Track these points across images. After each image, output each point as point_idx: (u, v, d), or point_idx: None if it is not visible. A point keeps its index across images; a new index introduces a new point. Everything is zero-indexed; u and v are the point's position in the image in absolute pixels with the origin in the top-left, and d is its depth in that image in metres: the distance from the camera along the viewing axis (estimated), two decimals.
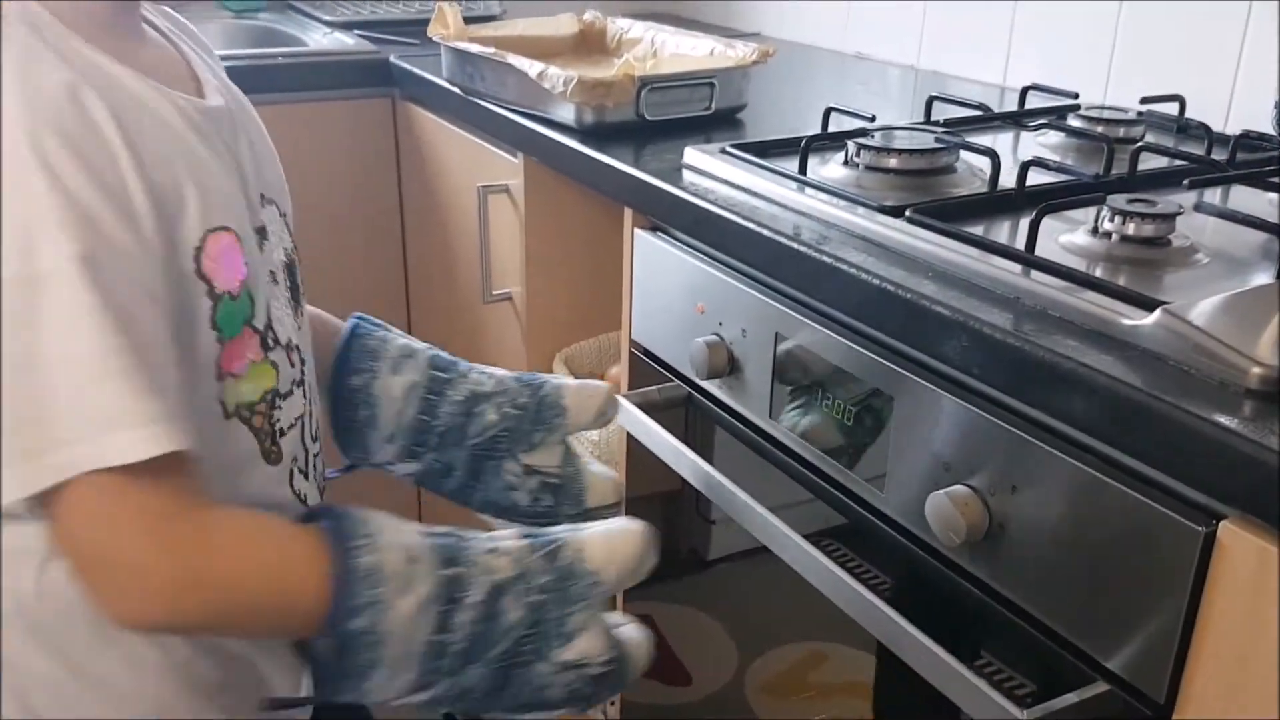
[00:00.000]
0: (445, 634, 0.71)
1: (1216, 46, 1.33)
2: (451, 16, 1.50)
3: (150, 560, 0.64)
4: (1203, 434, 0.64)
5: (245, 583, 0.68)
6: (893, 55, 1.80)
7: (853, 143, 1.07)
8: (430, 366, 0.95)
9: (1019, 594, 0.80)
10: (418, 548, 0.72)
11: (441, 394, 0.94)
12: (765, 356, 1.01)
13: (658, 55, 1.54)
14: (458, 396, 0.94)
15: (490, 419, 0.93)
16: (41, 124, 0.63)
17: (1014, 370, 0.76)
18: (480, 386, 0.95)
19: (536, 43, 1.59)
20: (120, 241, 0.64)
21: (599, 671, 0.75)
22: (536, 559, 0.76)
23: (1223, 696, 0.67)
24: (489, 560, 0.74)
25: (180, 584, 0.65)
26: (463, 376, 0.95)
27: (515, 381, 0.96)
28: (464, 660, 0.72)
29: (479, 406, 0.94)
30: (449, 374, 0.95)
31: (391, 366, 0.94)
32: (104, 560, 0.64)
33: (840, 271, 0.89)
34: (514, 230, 1.48)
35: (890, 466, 0.89)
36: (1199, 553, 0.66)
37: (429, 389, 0.94)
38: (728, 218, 1.01)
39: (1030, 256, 0.84)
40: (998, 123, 1.31)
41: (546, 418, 0.94)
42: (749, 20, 2.10)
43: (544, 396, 0.94)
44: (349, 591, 0.68)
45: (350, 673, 0.69)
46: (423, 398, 0.94)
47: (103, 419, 0.62)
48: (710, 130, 1.32)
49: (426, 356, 0.96)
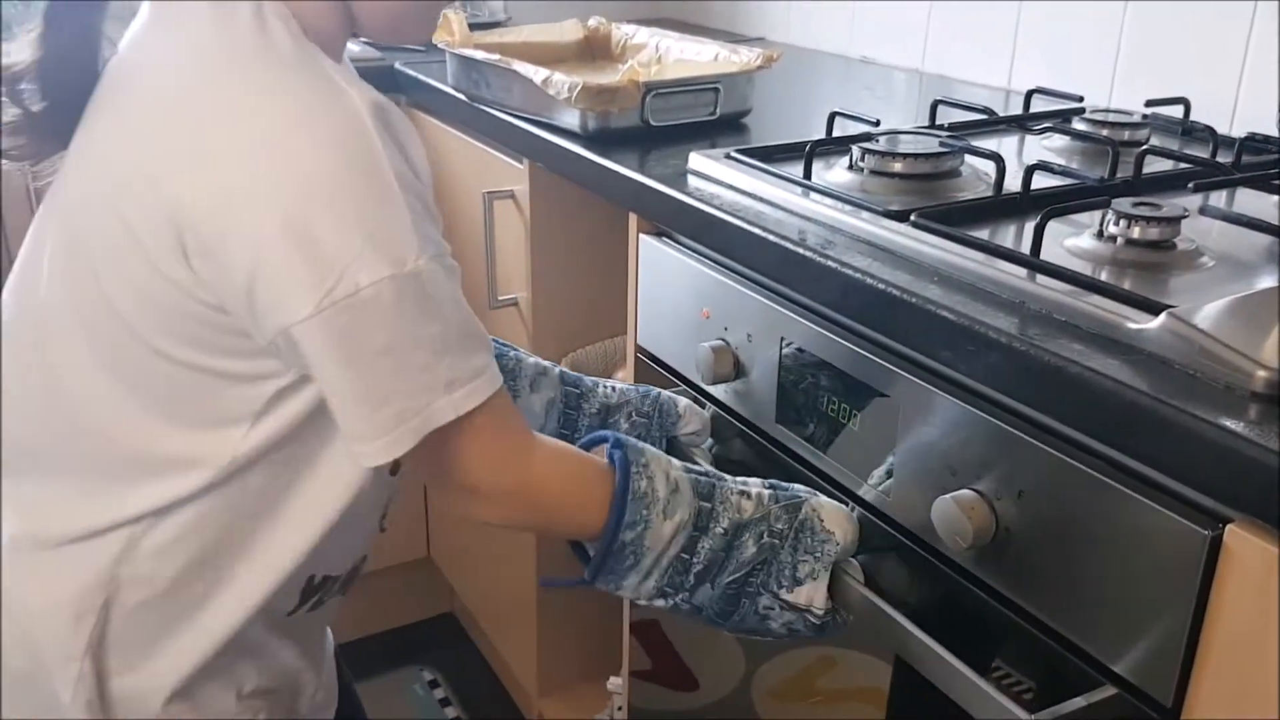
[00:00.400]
0: (690, 555, 0.85)
1: (1221, 49, 1.33)
2: (457, 23, 1.50)
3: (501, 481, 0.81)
4: (1208, 438, 0.64)
5: (561, 501, 0.85)
6: (897, 59, 1.80)
7: (857, 147, 1.07)
8: (562, 382, 1.04)
9: (1026, 598, 0.80)
10: (681, 479, 0.86)
11: (578, 408, 1.03)
12: (771, 361, 1.02)
13: (662, 61, 1.54)
14: (592, 409, 1.04)
15: (623, 428, 1.04)
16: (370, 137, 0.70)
17: (1020, 374, 0.76)
18: (610, 399, 1.04)
19: (541, 49, 1.59)
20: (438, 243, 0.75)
21: (817, 621, 0.86)
22: (778, 508, 0.88)
23: (1230, 699, 0.67)
24: (737, 500, 0.87)
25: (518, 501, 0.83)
26: (591, 390, 1.04)
27: (635, 393, 1.05)
28: (700, 579, 0.86)
29: (612, 418, 1.04)
30: (579, 388, 1.04)
31: (530, 384, 1.02)
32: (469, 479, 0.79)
33: (845, 276, 0.89)
34: (519, 236, 1.48)
35: (896, 471, 0.89)
36: (1205, 556, 0.66)
37: (565, 404, 1.03)
38: (733, 223, 1.01)
39: (1035, 260, 0.84)
40: (1002, 126, 1.31)
41: (666, 424, 1.05)
42: (754, 25, 2.10)
43: (661, 405, 1.05)
44: (625, 509, 0.83)
45: (613, 570, 0.84)
46: (562, 413, 1.03)
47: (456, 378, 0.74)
48: (715, 135, 1.33)
49: (558, 373, 1.04)
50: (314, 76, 0.72)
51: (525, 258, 1.48)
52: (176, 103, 0.72)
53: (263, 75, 0.72)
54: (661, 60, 1.54)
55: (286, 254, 0.68)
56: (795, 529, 0.87)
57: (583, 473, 0.85)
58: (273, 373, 0.75)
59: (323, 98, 0.71)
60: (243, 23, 0.72)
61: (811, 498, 0.90)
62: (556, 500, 0.84)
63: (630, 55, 1.60)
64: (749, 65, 1.38)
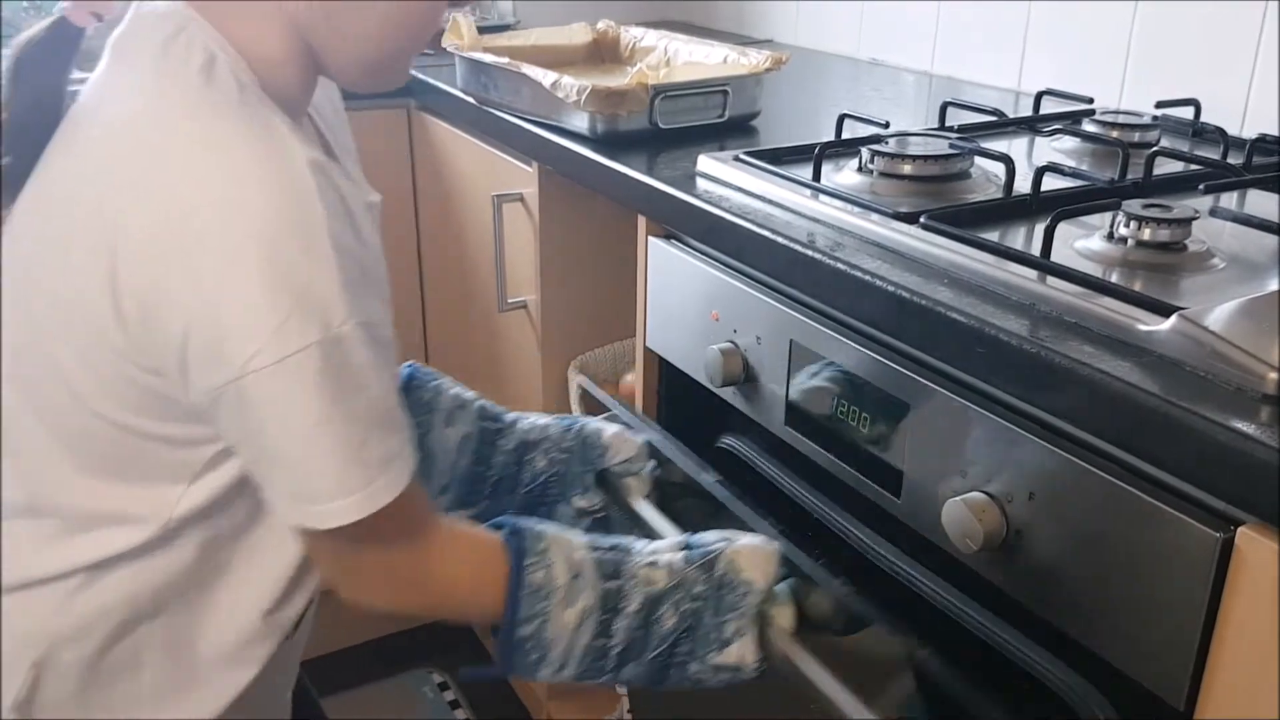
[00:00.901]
0: (605, 639, 0.82)
1: (1232, 50, 1.32)
2: (465, 27, 1.51)
3: (395, 571, 0.79)
4: (1220, 440, 0.64)
5: (453, 590, 0.82)
6: (907, 61, 1.80)
7: (867, 149, 1.07)
8: (480, 417, 0.99)
9: (1036, 601, 0.80)
10: (583, 563, 0.82)
11: (494, 444, 0.99)
12: (780, 363, 1.01)
13: (671, 64, 1.54)
14: (509, 446, 0.99)
15: (540, 465, 0.99)
16: (310, 195, 0.68)
17: (1030, 377, 0.76)
18: (528, 435, 0.99)
19: (550, 52, 1.60)
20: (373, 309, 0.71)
21: (753, 674, 0.83)
22: (693, 570, 0.84)
23: (1242, 702, 0.66)
24: (648, 573, 0.83)
25: (410, 590, 0.80)
26: (510, 426, 1.00)
27: (559, 427, 1.00)
28: (622, 660, 0.82)
29: (529, 454, 0.99)
30: (499, 424, 1.00)
31: (445, 418, 0.98)
32: (363, 566, 0.77)
33: (855, 278, 0.89)
34: (529, 238, 1.48)
35: (906, 474, 0.89)
36: (1217, 559, 0.66)
37: (481, 439, 0.98)
38: (742, 225, 1.01)
39: (1046, 262, 0.84)
40: (1012, 128, 1.31)
41: (591, 457, 0.99)
42: (762, 27, 2.10)
43: (586, 438, 1.00)
44: (519, 604, 0.79)
45: (520, 667, 0.81)
46: (475, 449, 0.98)
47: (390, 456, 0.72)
48: (724, 138, 1.32)
49: (476, 407, 1.00)
50: (257, 130, 0.70)
51: (534, 261, 1.48)
52: (123, 150, 0.70)
53: (206, 126, 0.69)
54: (670, 63, 1.54)
55: (219, 310, 0.66)
56: (715, 587, 0.84)
57: (478, 559, 0.82)
58: (206, 438, 0.74)
59: (262, 153, 0.68)
60: (192, 71, 0.70)
61: (727, 546, 0.86)
62: (449, 589, 0.82)
63: (639, 58, 1.60)
64: (758, 68, 1.38)
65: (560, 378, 1.52)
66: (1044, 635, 0.83)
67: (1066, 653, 0.82)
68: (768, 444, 1.11)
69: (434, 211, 1.80)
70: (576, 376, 1.48)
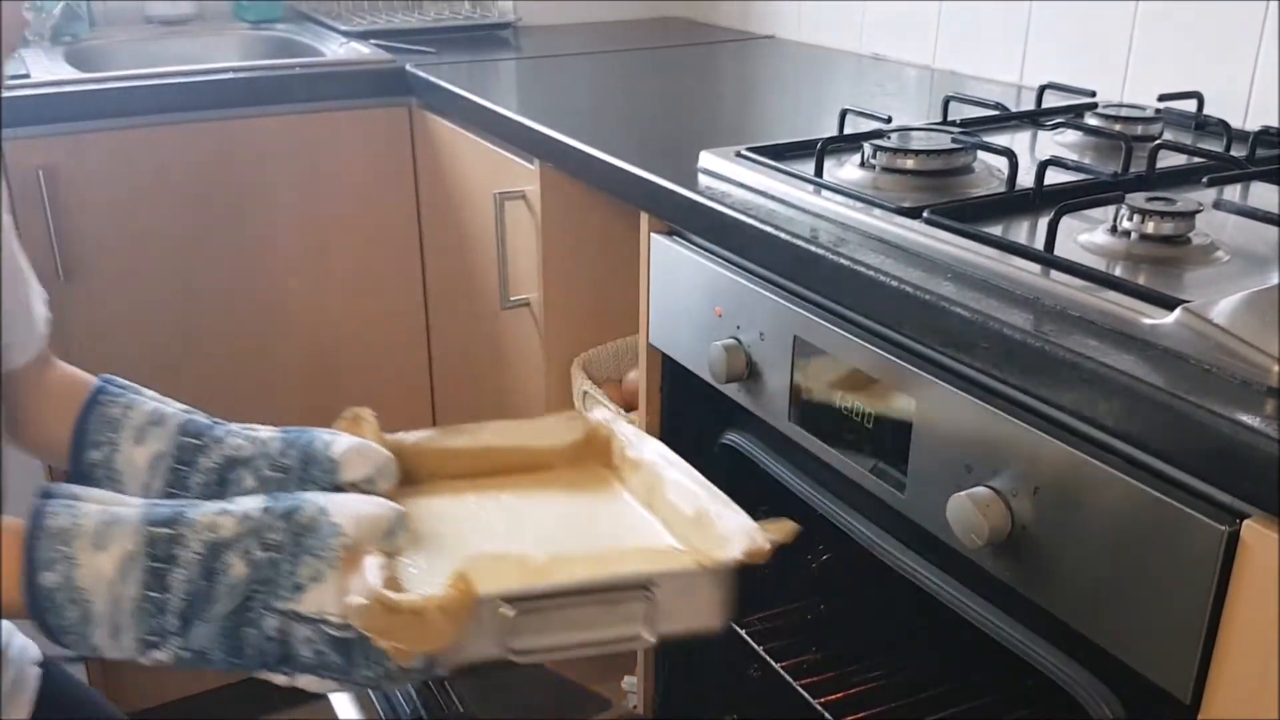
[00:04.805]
0: (160, 592, 0.72)
1: (1234, 43, 1.32)
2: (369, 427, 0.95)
3: None
4: (1225, 433, 0.64)
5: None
6: (909, 56, 1.80)
7: (869, 144, 1.07)
8: (181, 433, 0.89)
9: (1041, 596, 0.79)
10: (125, 513, 0.73)
11: (192, 463, 0.88)
12: (784, 360, 1.01)
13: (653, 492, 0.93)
14: (210, 464, 0.88)
15: (249, 485, 0.87)
16: None
17: (1035, 371, 0.76)
18: (238, 451, 0.88)
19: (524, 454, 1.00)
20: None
21: (338, 635, 0.71)
22: (270, 517, 0.74)
23: (1249, 696, 0.66)
24: (212, 519, 0.74)
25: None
26: (218, 442, 0.89)
27: (281, 441, 0.88)
28: (185, 618, 0.72)
29: (234, 473, 0.87)
30: (202, 440, 0.89)
31: (135, 436, 0.89)
32: None
33: (858, 274, 0.89)
34: (531, 236, 1.48)
35: (910, 469, 0.89)
36: (1222, 552, 0.66)
37: (178, 459, 0.88)
38: (744, 221, 1.01)
39: (1049, 256, 0.84)
40: (1015, 122, 1.31)
41: (315, 474, 0.86)
42: (764, 22, 2.10)
43: (310, 454, 0.87)
44: (38, 547, 0.71)
45: (67, 628, 0.72)
46: (171, 468, 0.88)
47: None
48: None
49: (178, 422, 0.90)
50: None
51: (537, 258, 1.48)
52: None
53: None
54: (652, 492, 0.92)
55: None
56: (295, 533, 0.73)
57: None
58: None
59: None
60: None
61: (318, 495, 0.77)
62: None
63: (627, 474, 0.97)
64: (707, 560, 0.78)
65: (563, 375, 1.52)
66: (1049, 630, 0.83)
67: (1072, 648, 0.82)
68: (772, 440, 1.11)
69: (436, 209, 1.80)
70: (580, 374, 1.48)
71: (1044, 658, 0.84)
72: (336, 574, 0.72)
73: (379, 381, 1.89)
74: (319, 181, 1.77)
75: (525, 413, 1.60)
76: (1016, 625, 0.87)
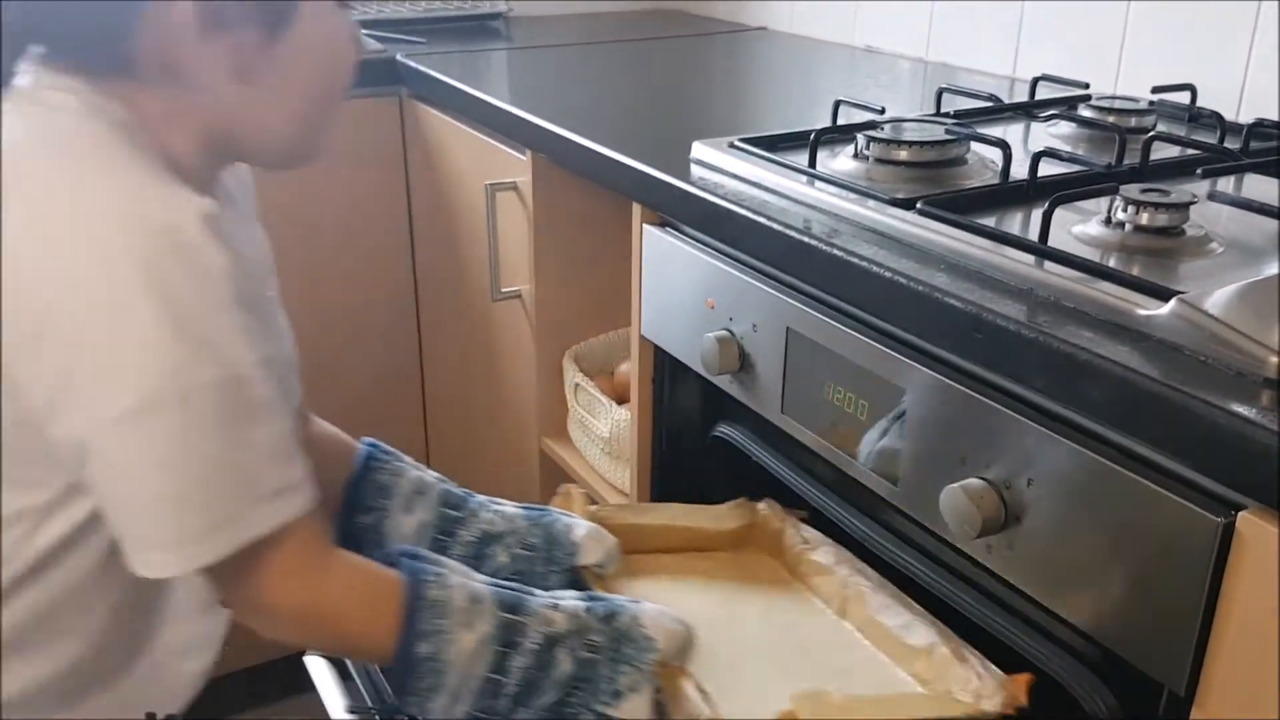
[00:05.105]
0: (501, 675, 0.78)
1: (1228, 37, 1.32)
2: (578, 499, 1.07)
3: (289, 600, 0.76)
4: (1220, 424, 0.64)
5: (347, 619, 0.78)
6: (901, 48, 1.79)
7: (862, 135, 1.06)
8: (442, 503, 0.96)
9: (1035, 587, 0.79)
10: (482, 592, 0.80)
11: (453, 534, 0.95)
12: (777, 351, 1.01)
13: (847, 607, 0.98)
14: (469, 537, 0.95)
15: (501, 561, 0.94)
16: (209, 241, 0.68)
17: (1029, 361, 0.75)
18: (491, 526, 0.95)
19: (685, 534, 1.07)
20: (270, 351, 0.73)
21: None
22: (593, 619, 0.82)
23: (1243, 688, 0.66)
24: (547, 613, 0.81)
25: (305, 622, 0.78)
26: (474, 515, 0.96)
27: (526, 519, 0.96)
28: (516, 702, 0.79)
29: (489, 548, 0.94)
30: (460, 512, 0.96)
31: (404, 504, 0.95)
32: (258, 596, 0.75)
33: (852, 265, 0.89)
34: (522, 228, 1.48)
35: (903, 460, 0.88)
36: (1217, 544, 0.65)
37: (440, 529, 0.95)
38: (737, 212, 1.01)
39: (1044, 247, 0.83)
40: (1008, 114, 1.30)
41: (557, 556, 0.95)
42: (757, 15, 2.09)
43: (554, 535, 0.95)
44: (417, 617, 0.77)
45: (416, 692, 0.77)
46: (433, 538, 0.94)
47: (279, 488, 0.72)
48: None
49: (438, 493, 0.96)
50: (152, 177, 0.70)
51: (528, 250, 1.47)
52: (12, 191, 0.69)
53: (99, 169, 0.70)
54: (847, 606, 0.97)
55: (109, 347, 0.66)
56: (614, 639, 0.82)
57: (378, 589, 0.79)
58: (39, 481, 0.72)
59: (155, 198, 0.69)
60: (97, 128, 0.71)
61: (631, 603, 0.85)
62: (347, 620, 0.78)
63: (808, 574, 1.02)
64: None
65: (555, 368, 1.51)
66: (1043, 622, 0.83)
67: (1066, 640, 0.82)
68: (764, 432, 1.11)
69: (427, 201, 1.79)
70: (571, 367, 1.47)
71: (1037, 651, 0.84)
72: (650, 688, 0.81)
73: (369, 372, 1.88)
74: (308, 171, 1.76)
75: (515, 404, 1.60)
76: (1009, 618, 0.87)
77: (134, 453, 0.68)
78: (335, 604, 0.78)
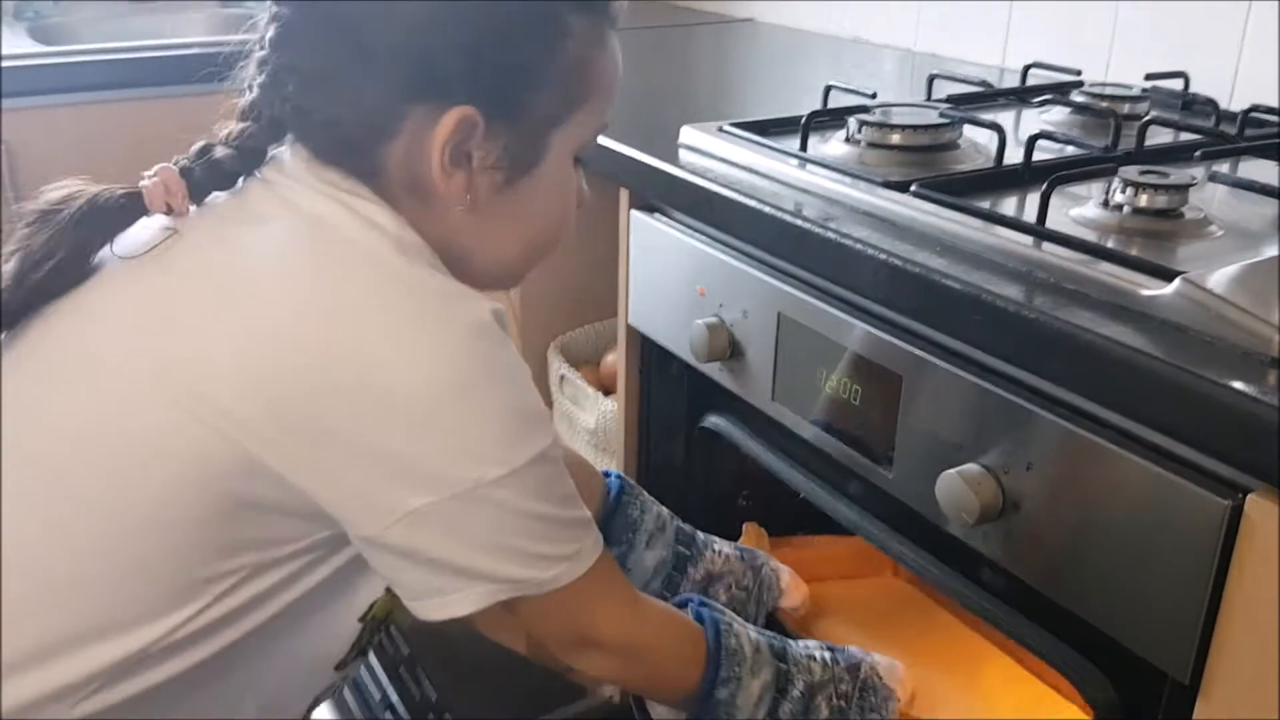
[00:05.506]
0: None
1: (1219, 25, 1.31)
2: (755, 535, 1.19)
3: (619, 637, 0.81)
4: (1226, 405, 0.62)
5: (665, 659, 0.85)
6: (889, 38, 1.78)
7: (854, 119, 1.05)
8: (675, 541, 1.01)
9: (1034, 575, 0.78)
10: (759, 641, 0.87)
11: (685, 572, 1.01)
12: (768, 338, 0.99)
13: None
14: (697, 575, 1.01)
15: (722, 600, 1.00)
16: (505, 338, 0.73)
17: (1029, 344, 0.74)
18: (713, 566, 1.02)
19: None
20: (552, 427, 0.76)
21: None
22: (839, 668, 0.89)
23: (1250, 674, 0.65)
24: (807, 662, 0.88)
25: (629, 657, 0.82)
26: (700, 554, 1.02)
27: (739, 560, 1.03)
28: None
29: (713, 587, 1.01)
30: (689, 550, 1.02)
31: (647, 539, 1.00)
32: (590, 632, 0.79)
33: (845, 248, 0.87)
34: None
35: (899, 447, 0.87)
36: (1224, 527, 0.64)
37: (674, 565, 1.00)
38: (727, 196, 0.99)
39: (1042, 229, 0.82)
40: (1001, 100, 1.29)
41: (767, 598, 1.03)
42: (743, 6, 2.07)
43: (763, 579, 1.03)
44: (721, 664, 0.83)
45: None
46: (668, 575, 1.00)
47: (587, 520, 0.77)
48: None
49: (673, 530, 1.02)
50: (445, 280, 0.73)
51: None
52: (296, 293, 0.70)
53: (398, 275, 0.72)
54: None
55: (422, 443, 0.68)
56: (859, 689, 0.89)
57: (686, 633, 0.85)
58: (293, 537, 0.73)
59: (457, 299, 0.72)
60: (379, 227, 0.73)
61: (867, 656, 0.92)
62: (662, 658, 0.85)
63: None
64: None
65: (540, 358, 1.49)
66: (1042, 611, 0.81)
67: (1066, 629, 0.80)
68: (754, 422, 1.09)
69: None
70: (557, 358, 1.45)
71: (1036, 641, 0.82)
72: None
73: None
74: None
75: None
76: (1007, 608, 0.85)
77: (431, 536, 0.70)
78: (653, 641, 0.84)
